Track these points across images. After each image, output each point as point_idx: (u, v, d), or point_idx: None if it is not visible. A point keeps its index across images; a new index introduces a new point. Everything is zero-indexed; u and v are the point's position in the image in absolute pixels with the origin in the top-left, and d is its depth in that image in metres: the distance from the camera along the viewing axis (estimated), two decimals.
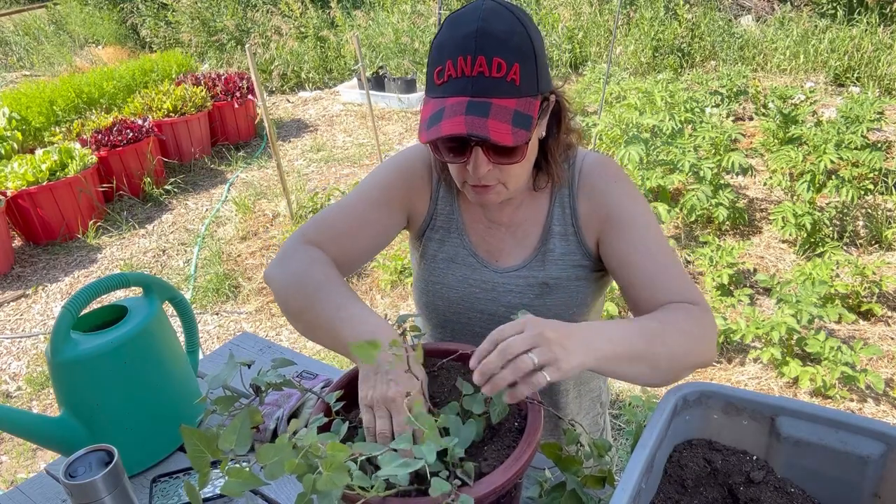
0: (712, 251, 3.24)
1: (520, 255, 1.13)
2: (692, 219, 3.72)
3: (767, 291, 3.23)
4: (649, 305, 0.99)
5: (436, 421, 0.77)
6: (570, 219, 1.10)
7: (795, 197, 3.82)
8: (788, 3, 7.62)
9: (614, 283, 1.13)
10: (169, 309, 1.25)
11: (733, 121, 5.21)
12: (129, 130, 4.90)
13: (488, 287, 1.14)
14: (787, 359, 2.67)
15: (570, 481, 0.87)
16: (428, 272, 1.18)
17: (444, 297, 1.16)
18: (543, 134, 1.01)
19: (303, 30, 8.33)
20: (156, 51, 9.43)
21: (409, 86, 6.75)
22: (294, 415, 1.20)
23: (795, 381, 2.69)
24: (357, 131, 6.29)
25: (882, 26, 6.58)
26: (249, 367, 0.91)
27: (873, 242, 3.66)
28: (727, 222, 3.81)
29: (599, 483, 0.87)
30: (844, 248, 3.59)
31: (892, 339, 2.94)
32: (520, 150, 0.93)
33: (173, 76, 6.84)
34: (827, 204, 3.82)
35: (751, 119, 5.45)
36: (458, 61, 0.88)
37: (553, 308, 1.11)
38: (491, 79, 0.87)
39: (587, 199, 1.09)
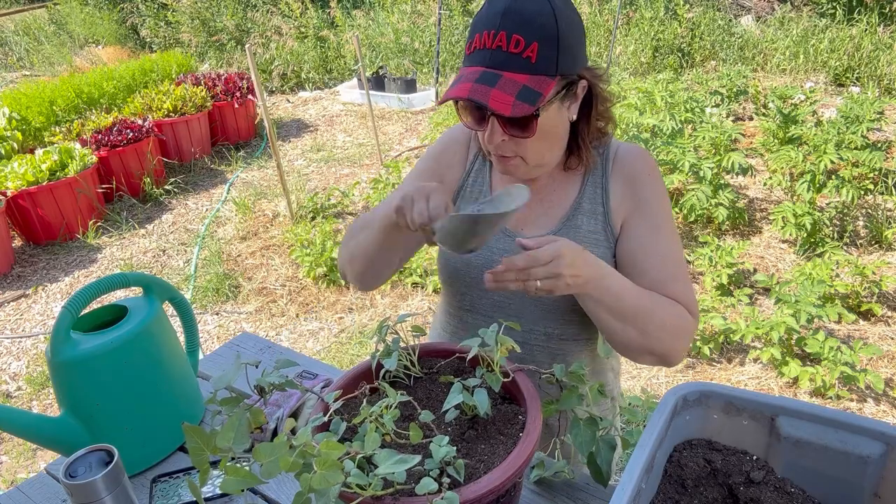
0: (712, 251, 3.24)
1: (545, 226, 1.14)
2: (692, 219, 3.72)
3: (767, 291, 3.23)
4: None
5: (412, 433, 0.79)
6: (602, 198, 1.12)
7: (795, 197, 3.82)
8: (788, 3, 7.62)
9: None
10: (169, 309, 1.25)
11: (733, 121, 5.21)
12: (129, 130, 4.90)
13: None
14: (787, 359, 2.67)
15: (580, 412, 0.92)
16: None
17: (466, 261, 1.18)
18: (574, 117, 1.04)
19: (303, 30, 8.33)
20: (156, 51, 9.43)
21: (409, 86, 6.75)
22: (294, 415, 1.20)
23: (795, 381, 2.69)
24: (357, 131, 6.30)
25: (882, 26, 6.59)
26: (256, 366, 0.93)
27: (873, 242, 3.66)
28: (727, 222, 3.81)
29: (600, 394, 0.92)
30: (844, 248, 3.59)
31: (892, 339, 2.94)
32: (530, 125, 0.97)
33: (173, 76, 6.84)
34: (827, 204, 3.82)
35: (751, 119, 5.45)
36: (483, 35, 0.95)
37: None
38: (508, 53, 0.93)
39: (622, 182, 1.12)
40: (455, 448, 0.78)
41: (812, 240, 3.54)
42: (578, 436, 0.90)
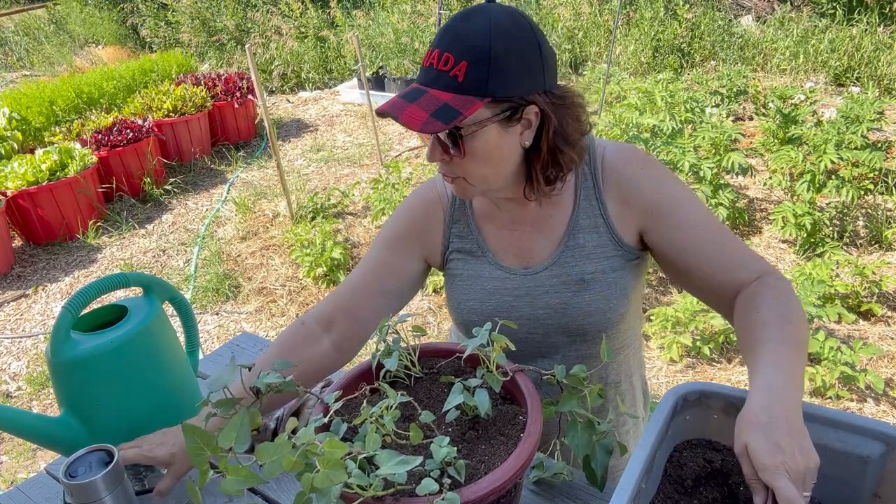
0: None
1: (547, 251, 1.11)
2: None
3: None
4: (727, 285, 1.00)
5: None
6: (599, 210, 1.08)
7: (795, 197, 3.82)
8: (788, 3, 7.62)
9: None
10: (169, 309, 1.25)
11: (733, 121, 5.21)
12: (129, 130, 4.90)
13: (521, 293, 1.12)
14: None
15: (579, 415, 0.90)
16: (457, 291, 1.17)
17: (478, 311, 1.14)
18: (527, 143, 0.99)
19: (303, 30, 8.33)
20: (156, 51, 9.43)
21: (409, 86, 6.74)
22: (294, 415, 1.19)
23: None
24: (357, 131, 6.30)
25: (882, 26, 6.58)
26: (250, 369, 0.92)
27: (873, 242, 3.66)
28: (727, 222, 3.81)
29: (598, 397, 0.91)
30: (844, 248, 3.59)
31: (892, 339, 2.94)
32: (459, 145, 0.95)
33: (173, 76, 6.84)
34: (827, 204, 3.82)
35: (751, 119, 5.45)
36: (428, 53, 0.95)
37: (593, 303, 1.08)
38: (437, 70, 0.93)
39: (616, 191, 1.07)
40: (456, 448, 0.78)
41: (812, 240, 3.54)
42: (575, 438, 0.90)
